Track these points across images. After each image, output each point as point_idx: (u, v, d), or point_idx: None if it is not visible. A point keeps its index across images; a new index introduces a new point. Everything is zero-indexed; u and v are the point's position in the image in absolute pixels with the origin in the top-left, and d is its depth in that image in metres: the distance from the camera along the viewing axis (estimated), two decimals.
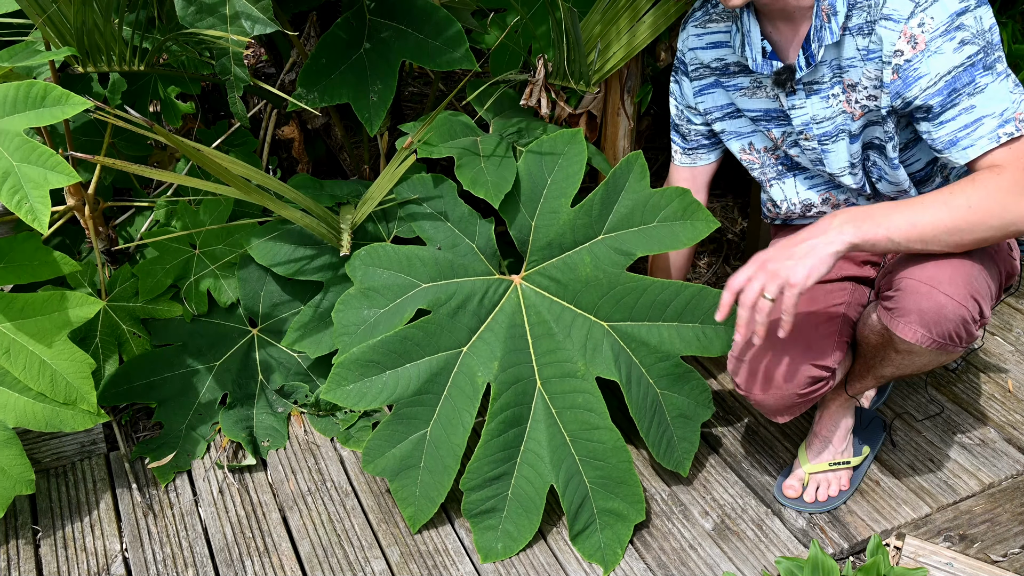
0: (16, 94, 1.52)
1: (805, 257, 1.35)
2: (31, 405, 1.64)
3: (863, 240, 1.35)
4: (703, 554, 1.68)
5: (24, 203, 1.46)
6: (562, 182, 1.81)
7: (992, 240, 1.37)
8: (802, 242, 1.37)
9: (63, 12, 1.63)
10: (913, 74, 1.37)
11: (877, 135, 1.52)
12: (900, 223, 1.35)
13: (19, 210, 1.46)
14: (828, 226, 1.37)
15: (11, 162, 1.47)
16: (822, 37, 1.44)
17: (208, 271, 2.03)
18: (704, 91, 1.69)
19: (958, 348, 1.45)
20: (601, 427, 1.69)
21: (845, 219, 1.36)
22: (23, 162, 1.48)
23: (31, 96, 1.52)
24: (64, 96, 1.52)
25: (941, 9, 1.33)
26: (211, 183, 1.66)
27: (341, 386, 1.68)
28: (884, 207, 1.38)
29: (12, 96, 1.52)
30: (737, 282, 1.40)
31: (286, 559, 1.69)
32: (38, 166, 1.48)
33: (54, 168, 1.48)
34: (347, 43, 1.92)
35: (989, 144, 1.35)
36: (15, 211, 1.46)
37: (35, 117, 1.51)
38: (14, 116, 1.51)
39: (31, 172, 1.48)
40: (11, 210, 1.47)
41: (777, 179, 1.72)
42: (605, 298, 1.76)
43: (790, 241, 1.39)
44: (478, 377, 1.71)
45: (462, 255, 1.81)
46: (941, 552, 1.65)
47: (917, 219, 1.35)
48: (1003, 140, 1.34)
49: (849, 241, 1.35)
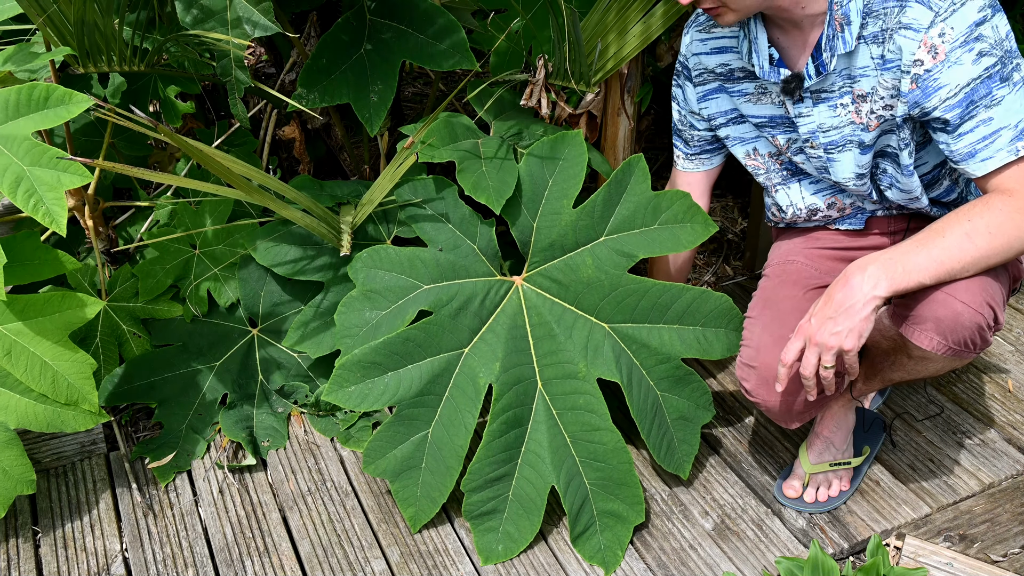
0: (19, 97, 1.51)
1: (849, 321, 1.36)
2: (32, 406, 1.64)
3: (896, 292, 1.36)
4: (703, 554, 1.68)
5: (40, 206, 1.47)
6: (564, 183, 1.81)
7: (1012, 259, 1.39)
8: (840, 307, 1.37)
9: (63, 12, 1.63)
10: (933, 84, 1.36)
11: (891, 143, 1.52)
12: (929, 266, 1.35)
13: (36, 213, 1.46)
14: (860, 282, 1.36)
15: (22, 167, 1.47)
16: (835, 46, 1.42)
17: (208, 272, 2.03)
18: (708, 96, 1.68)
19: (972, 354, 1.45)
20: (602, 428, 1.69)
21: (875, 272, 1.36)
22: (34, 165, 1.48)
23: (34, 98, 1.52)
24: (67, 95, 1.52)
25: (961, 19, 1.32)
26: (211, 184, 1.66)
27: (343, 388, 1.68)
28: (908, 248, 1.37)
29: (15, 100, 1.51)
30: (789, 357, 1.44)
31: (286, 559, 1.69)
32: (50, 168, 1.48)
33: (66, 169, 1.48)
34: (348, 43, 1.92)
35: (1008, 157, 1.35)
36: (32, 214, 1.47)
37: (40, 119, 1.51)
38: (19, 120, 1.51)
39: (44, 175, 1.48)
40: (29, 214, 1.47)
41: (782, 184, 1.71)
42: (606, 300, 1.76)
43: (827, 308, 1.39)
44: (480, 378, 1.71)
45: (464, 256, 1.81)
46: (941, 552, 1.65)
47: (944, 256, 1.35)
48: (1021, 153, 1.34)
49: (883, 296, 1.36)
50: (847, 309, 1.36)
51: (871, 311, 1.35)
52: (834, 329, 1.37)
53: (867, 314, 1.35)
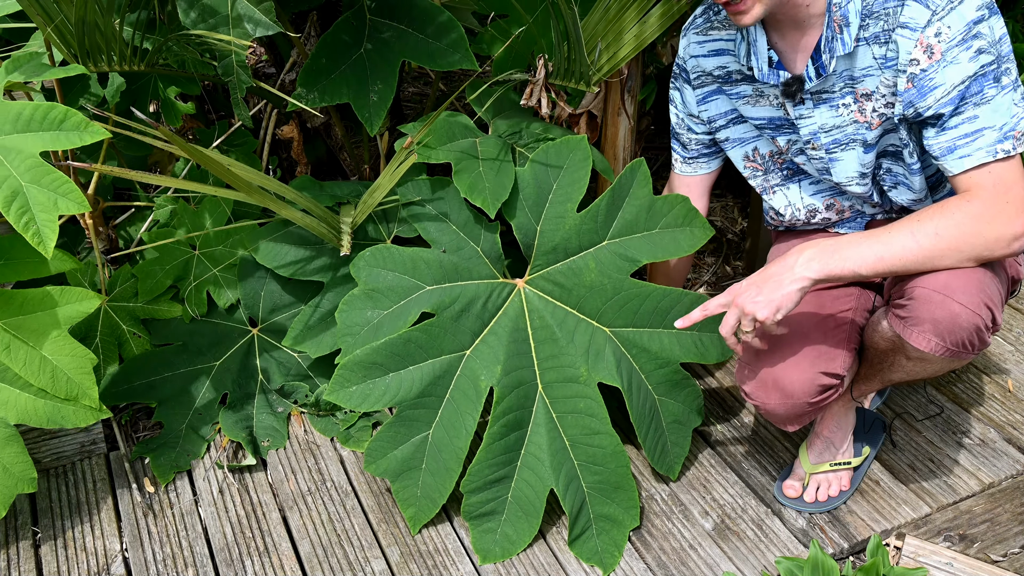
0: (33, 113, 1.49)
1: (772, 293, 1.40)
2: (32, 402, 1.63)
3: (828, 276, 1.39)
4: (703, 554, 1.68)
5: (31, 225, 1.44)
6: (568, 187, 1.81)
7: (967, 266, 1.38)
8: (769, 278, 1.41)
9: (64, 12, 1.63)
10: (928, 84, 1.36)
11: (892, 142, 1.52)
12: (867, 256, 1.37)
13: (26, 232, 1.43)
14: (795, 261, 1.40)
15: (20, 182, 1.45)
16: (833, 48, 1.42)
17: (208, 273, 2.03)
18: (707, 99, 1.68)
19: (970, 355, 1.45)
20: (601, 432, 1.70)
21: (812, 254, 1.39)
22: (33, 183, 1.45)
23: (49, 118, 1.49)
24: (83, 123, 1.49)
25: (958, 18, 1.32)
26: (211, 186, 1.65)
27: (344, 388, 1.68)
28: (854, 238, 1.39)
29: (28, 115, 1.49)
30: (711, 309, 1.49)
31: (286, 559, 1.69)
32: (49, 190, 1.46)
33: (66, 194, 1.46)
34: (348, 43, 1.92)
35: (986, 157, 1.35)
36: (22, 232, 1.44)
37: (51, 140, 1.49)
38: (27, 135, 1.48)
39: (41, 195, 1.45)
40: (18, 230, 1.44)
41: (781, 185, 1.71)
42: (609, 304, 1.77)
43: (759, 275, 1.44)
44: (481, 381, 1.72)
45: (466, 258, 1.81)
46: (941, 552, 1.66)
47: (884, 251, 1.37)
48: (999, 156, 1.34)
49: (813, 278, 1.39)
50: (775, 282, 1.40)
51: (796, 290, 1.39)
52: (756, 297, 1.41)
53: (791, 291, 1.39)
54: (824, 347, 1.55)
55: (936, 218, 1.36)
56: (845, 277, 1.39)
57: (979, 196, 1.35)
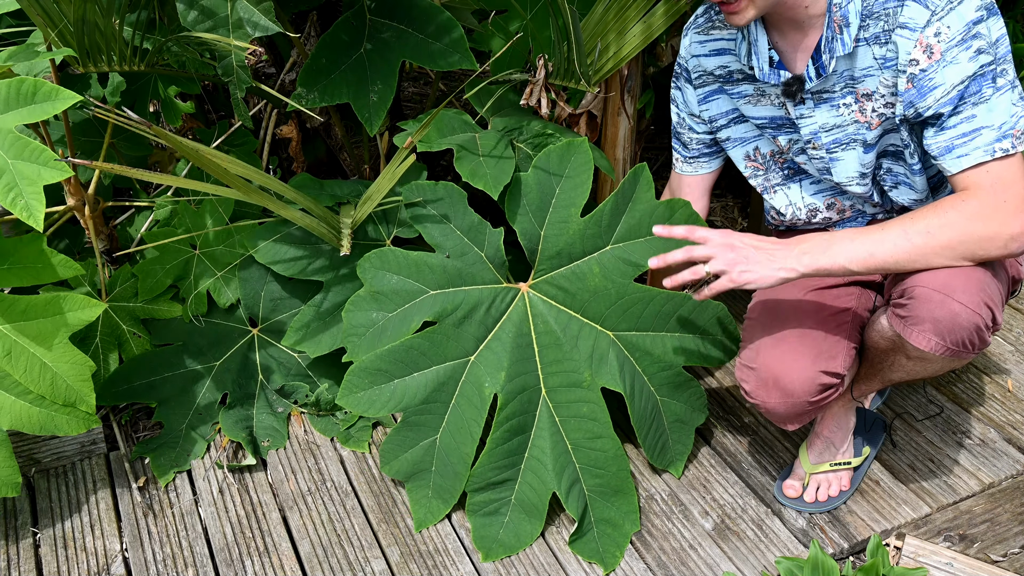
0: (7, 91, 1.50)
1: (757, 267, 1.40)
2: (27, 408, 1.63)
3: (817, 271, 1.39)
4: (703, 554, 1.68)
5: (19, 200, 1.45)
6: (571, 192, 1.81)
7: (962, 265, 1.38)
8: (767, 255, 1.41)
9: (63, 11, 1.63)
10: (928, 84, 1.36)
11: (893, 142, 1.52)
12: (859, 253, 1.37)
13: (14, 207, 1.45)
14: (792, 249, 1.40)
15: (5, 159, 1.46)
16: (833, 48, 1.42)
17: (208, 272, 2.03)
18: (708, 98, 1.68)
19: (971, 355, 1.45)
20: (603, 436, 1.70)
21: (807, 247, 1.40)
22: (17, 159, 1.47)
23: (22, 92, 1.50)
24: (54, 91, 1.50)
25: (957, 18, 1.32)
26: (211, 185, 1.65)
27: (353, 392, 1.71)
28: (848, 234, 1.40)
29: (3, 94, 1.50)
30: (697, 236, 1.44)
31: (286, 559, 1.69)
32: (32, 162, 1.47)
33: (47, 164, 1.47)
34: (347, 43, 1.92)
35: (983, 156, 1.35)
36: (10, 208, 1.45)
37: (27, 113, 1.50)
38: (7, 114, 1.49)
39: (25, 169, 1.46)
40: (7, 207, 1.45)
41: (782, 185, 1.71)
42: (612, 308, 1.77)
43: (758, 242, 1.42)
44: (485, 388, 1.72)
45: (470, 263, 1.81)
46: (941, 552, 1.66)
47: (876, 248, 1.37)
48: (997, 155, 1.34)
49: (800, 271, 1.39)
50: (766, 260, 1.40)
51: (779, 277, 1.40)
52: (743, 261, 1.40)
53: (773, 276, 1.40)
54: (825, 346, 1.55)
55: (929, 216, 1.36)
56: (836, 273, 1.39)
57: (976, 195, 1.35)
